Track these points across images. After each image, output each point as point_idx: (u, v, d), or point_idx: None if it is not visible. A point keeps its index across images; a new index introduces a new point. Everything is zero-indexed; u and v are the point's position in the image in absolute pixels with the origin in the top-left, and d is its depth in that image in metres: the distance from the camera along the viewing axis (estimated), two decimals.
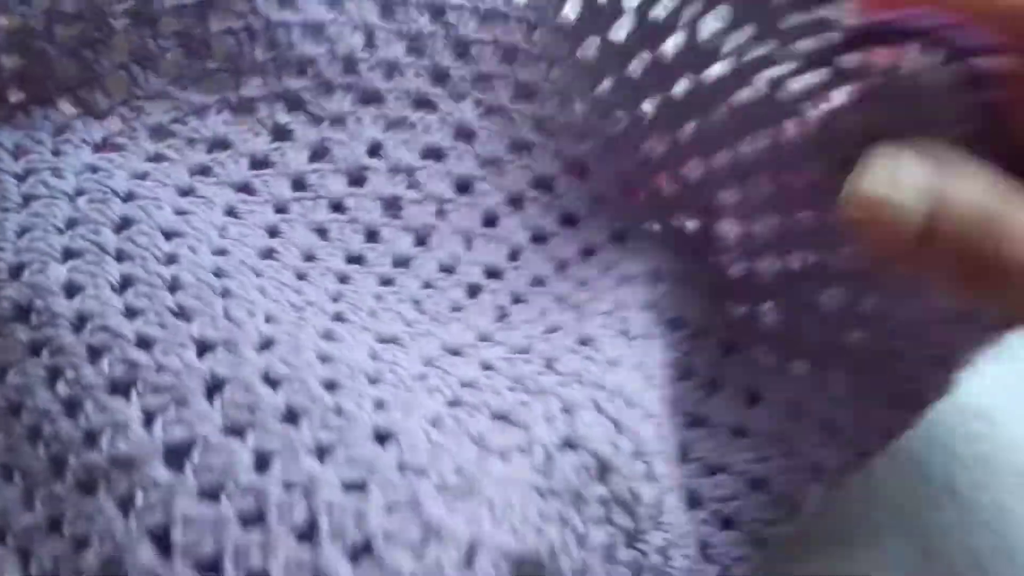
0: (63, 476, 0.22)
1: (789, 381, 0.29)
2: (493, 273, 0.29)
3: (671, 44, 0.29)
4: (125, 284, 0.24)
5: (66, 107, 0.28)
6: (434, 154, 0.30)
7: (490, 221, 0.30)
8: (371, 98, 0.30)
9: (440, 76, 0.31)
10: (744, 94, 0.28)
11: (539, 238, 0.30)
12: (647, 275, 0.29)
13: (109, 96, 0.28)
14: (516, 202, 0.30)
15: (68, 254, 0.25)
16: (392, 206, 0.29)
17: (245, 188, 0.28)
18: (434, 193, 0.30)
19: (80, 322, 0.24)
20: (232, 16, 0.29)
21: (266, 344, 0.23)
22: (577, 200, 0.31)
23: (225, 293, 0.25)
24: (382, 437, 0.22)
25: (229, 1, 0.29)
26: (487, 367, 0.26)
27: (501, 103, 0.31)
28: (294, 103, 0.29)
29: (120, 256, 0.25)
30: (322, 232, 0.28)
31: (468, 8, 0.31)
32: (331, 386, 0.23)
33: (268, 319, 0.24)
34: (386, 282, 0.28)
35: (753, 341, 0.31)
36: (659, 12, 0.28)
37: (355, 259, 0.28)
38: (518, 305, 0.29)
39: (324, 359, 0.24)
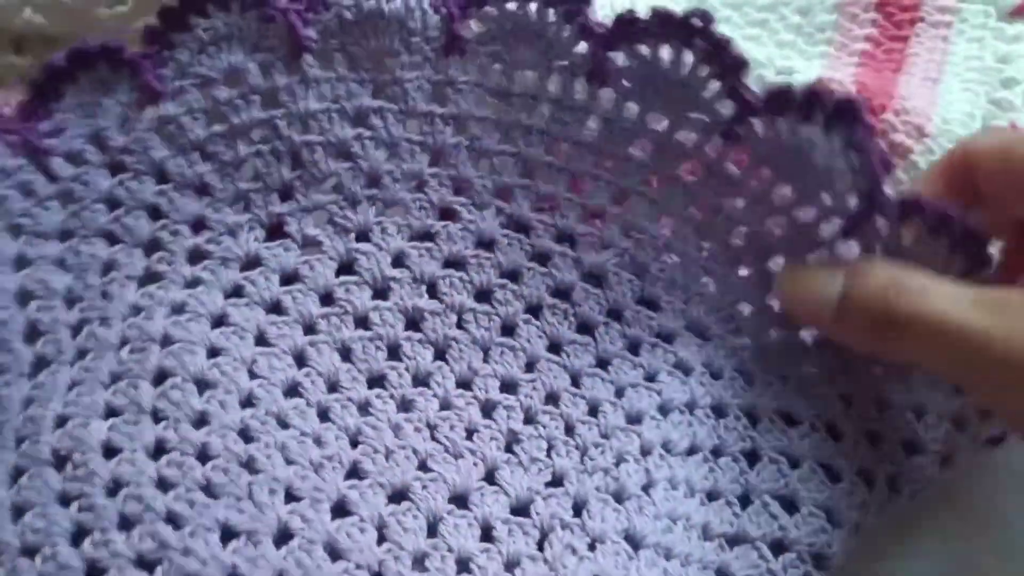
0: None
1: (824, 487, 0.29)
2: (509, 387, 0.31)
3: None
4: (159, 449, 0.27)
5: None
6: (456, 264, 0.31)
7: (508, 330, 0.31)
8: (395, 209, 0.31)
9: (463, 186, 0.31)
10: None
11: (555, 347, 0.31)
12: (665, 404, 0.30)
13: (151, 222, 0.29)
14: (535, 310, 0.31)
15: (110, 411, 0.27)
16: (414, 319, 0.31)
17: (276, 308, 0.30)
18: (454, 303, 0.31)
19: (115, 486, 0.26)
20: (259, 140, 0.30)
21: (284, 536, 0.26)
22: (595, 307, 0.31)
23: (250, 463, 0.27)
24: None
25: (254, 128, 0.30)
26: (487, 535, 0.28)
27: (522, 213, 0.31)
28: (321, 216, 0.31)
29: (156, 416, 0.27)
30: (346, 353, 0.30)
31: (492, 120, 0.31)
32: None
33: (288, 495, 0.26)
34: (405, 406, 0.30)
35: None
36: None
37: (377, 381, 0.30)
38: (529, 427, 0.30)
39: (333, 554, 0.26)
